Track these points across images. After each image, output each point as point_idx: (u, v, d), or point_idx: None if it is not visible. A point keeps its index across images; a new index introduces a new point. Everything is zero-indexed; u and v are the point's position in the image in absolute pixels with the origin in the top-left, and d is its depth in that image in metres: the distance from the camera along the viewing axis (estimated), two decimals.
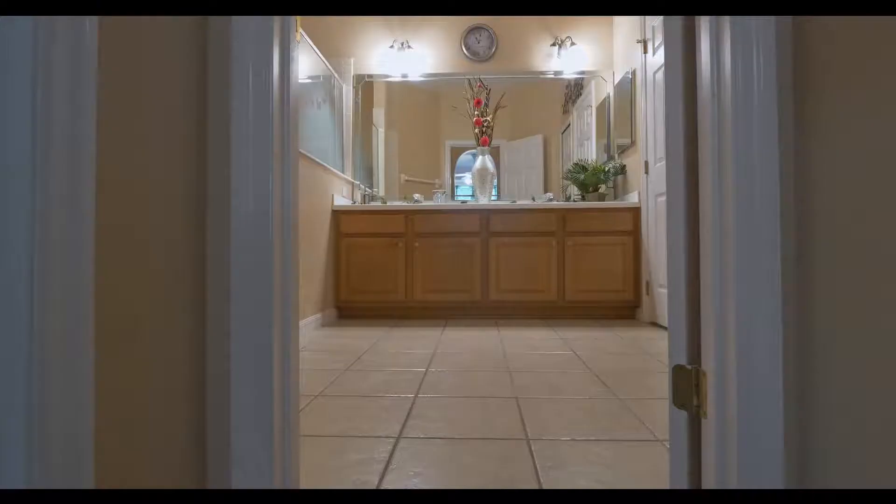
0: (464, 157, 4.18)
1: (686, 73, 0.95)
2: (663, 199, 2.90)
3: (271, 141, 0.83)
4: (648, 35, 3.14)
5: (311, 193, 2.94)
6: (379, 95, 4.14)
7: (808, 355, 0.75)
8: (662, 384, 1.73)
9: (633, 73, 3.39)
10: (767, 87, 0.77)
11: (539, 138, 4.16)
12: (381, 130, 4.16)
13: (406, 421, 1.35)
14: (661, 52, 2.94)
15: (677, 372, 0.93)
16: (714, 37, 0.83)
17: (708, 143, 0.85)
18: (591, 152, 3.94)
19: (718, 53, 0.83)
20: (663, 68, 2.85)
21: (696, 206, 0.95)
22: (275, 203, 0.83)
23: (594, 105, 3.99)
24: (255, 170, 0.81)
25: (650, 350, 2.33)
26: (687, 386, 0.91)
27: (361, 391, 1.65)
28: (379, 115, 4.15)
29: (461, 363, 2.06)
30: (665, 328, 2.92)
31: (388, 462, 1.09)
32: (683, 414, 0.92)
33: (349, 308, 3.45)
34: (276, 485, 0.86)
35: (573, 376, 1.84)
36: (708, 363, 0.85)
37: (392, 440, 1.21)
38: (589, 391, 1.64)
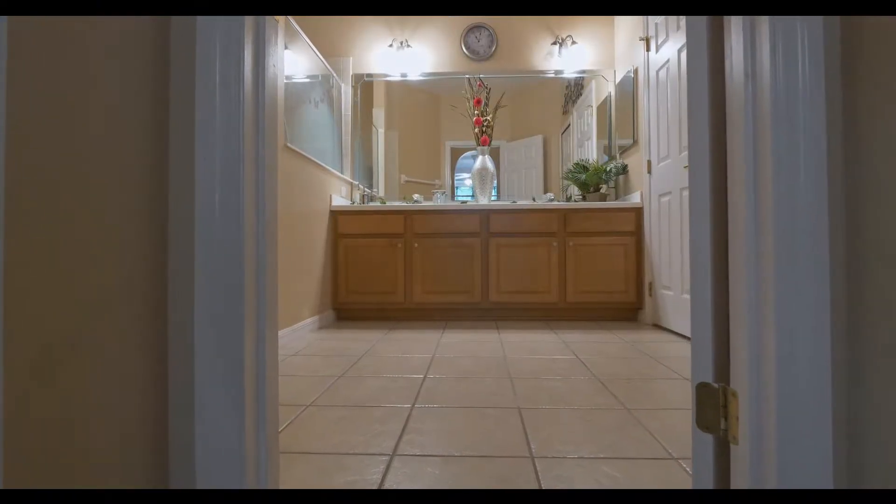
0: (464, 159, 4.06)
1: (712, 70, 0.83)
2: (667, 198, 2.79)
3: (241, 145, 0.71)
4: (651, 32, 3.02)
5: (308, 194, 2.82)
6: (379, 96, 4.02)
7: (862, 374, 0.64)
8: (671, 392, 1.61)
9: (636, 71, 3.27)
10: (814, 82, 0.65)
11: (539, 139, 4.04)
12: (381, 131, 4.05)
13: (401, 435, 1.23)
14: (664, 50, 2.82)
15: (701, 390, 0.81)
16: (749, 32, 0.72)
17: (741, 141, 0.73)
18: (591, 152, 3.82)
19: (753, 49, 0.71)
20: (668, 66, 2.74)
21: (722, 204, 0.83)
22: (246, 210, 0.71)
23: (594, 105, 3.87)
24: (222, 175, 0.69)
25: (654, 354, 2.22)
26: (713, 407, 0.79)
27: (355, 400, 1.53)
28: (379, 115, 4.03)
29: (460, 369, 1.95)
30: (669, 331, 2.81)
31: (381, 484, 0.98)
32: (709, 438, 0.80)
33: (348, 310, 3.33)
34: (249, 485, 0.74)
35: (577, 383, 1.72)
36: (739, 382, 0.73)
37: (386, 458, 1.10)
38: (594, 400, 1.53)
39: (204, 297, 0.68)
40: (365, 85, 3.92)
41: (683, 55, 2.56)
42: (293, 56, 2.77)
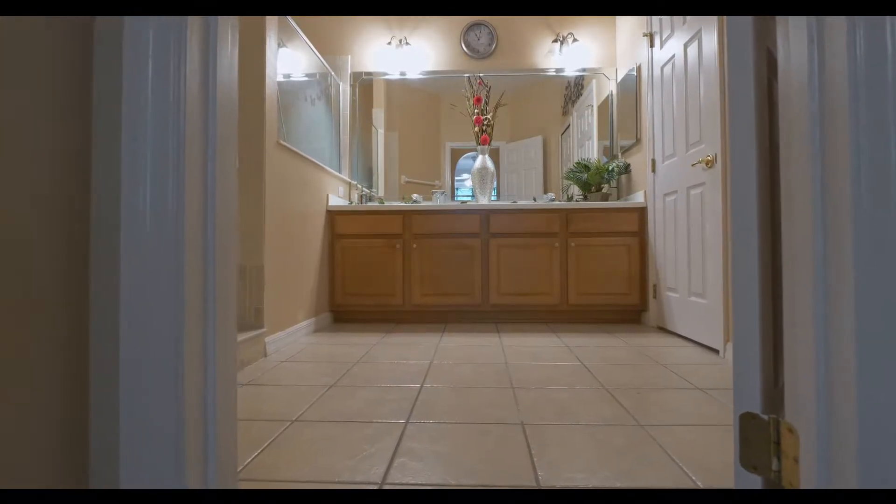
0: (464, 161, 3.91)
1: (757, 64, 0.69)
2: (672, 198, 2.63)
3: (181, 151, 0.56)
4: (655, 28, 2.86)
5: (303, 193, 2.67)
6: (378, 96, 3.87)
7: None
8: (685, 404, 1.46)
9: (638, 68, 3.11)
10: None
11: (538, 140, 3.89)
12: (381, 131, 3.90)
13: (393, 459, 1.08)
14: (669, 46, 2.67)
15: (747, 422, 0.65)
16: (814, 25, 0.57)
17: (804, 137, 0.57)
18: (591, 153, 3.67)
19: (820, 41, 0.56)
20: (673, 61, 2.58)
21: (770, 196, 0.68)
22: (190, 216, 0.56)
23: (595, 104, 3.72)
24: (153, 174, 0.54)
25: (662, 360, 2.06)
26: (762, 443, 0.63)
27: (345, 414, 1.38)
28: (378, 115, 3.88)
29: (460, 377, 1.79)
30: (675, 334, 2.65)
31: None
32: (755, 479, 0.65)
33: (345, 312, 3.18)
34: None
35: (584, 394, 1.57)
36: (800, 416, 0.58)
37: (373, 488, 0.94)
38: (604, 414, 1.37)
39: (132, 302, 0.53)
40: (364, 85, 3.76)
41: (690, 50, 2.41)
42: (290, 53, 2.62)
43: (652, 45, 2.89)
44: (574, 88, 3.80)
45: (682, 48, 2.48)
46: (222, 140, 0.66)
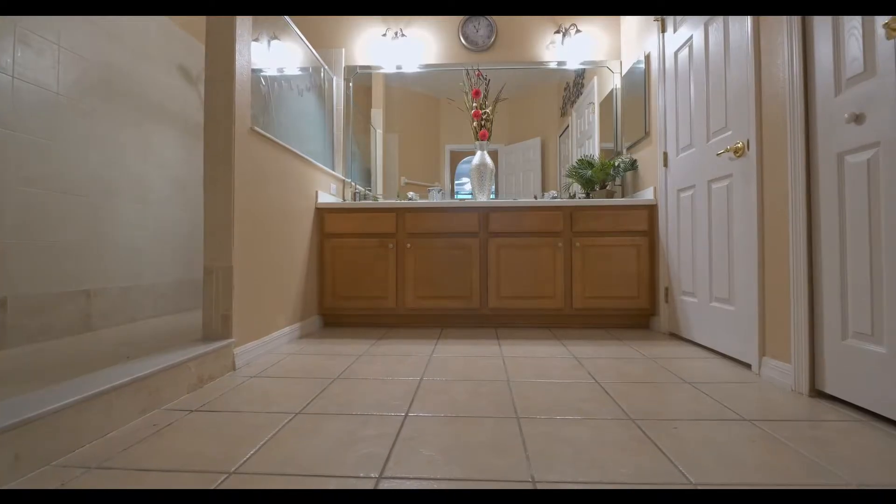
0: (462, 165, 3.52)
1: None
2: (688, 193, 2.23)
3: None
4: None
5: (286, 188, 2.27)
6: (377, 97, 3.48)
7: None
8: (741, 447, 1.06)
9: (647, 56, 2.71)
10: None
11: (537, 141, 3.48)
12: (380, 132, 3.50)
13: None
14: (684, 28, 2.27)
15: None
16: None
17: None
18: (592, 152, 3.26)
19: None
20: (690, 43, 2.13)
21: None
22: None
23: (597, 102, 3.32)
24: None
25: (687, 376, 1.66)
26: None
27: (301, 463, 0.98)
28: (377, 116, 3.48)
29: (453, 401, 1.39)
30: (690, 342, 2.24)
31: None
32: None
33: (335, 316, 2.78)
34: None
35: (606, 428, 1.17)
36: None
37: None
38: (639, 463, 0.97)
39: None
40: (361, 84, 3.37)
41: (712, 29, 2.01)
42: (280, 46, 2.23)
43: (664, 31, 2.49)
44: (573, 89, 3.40)
45: (703, 28, 2.08)
46: None
